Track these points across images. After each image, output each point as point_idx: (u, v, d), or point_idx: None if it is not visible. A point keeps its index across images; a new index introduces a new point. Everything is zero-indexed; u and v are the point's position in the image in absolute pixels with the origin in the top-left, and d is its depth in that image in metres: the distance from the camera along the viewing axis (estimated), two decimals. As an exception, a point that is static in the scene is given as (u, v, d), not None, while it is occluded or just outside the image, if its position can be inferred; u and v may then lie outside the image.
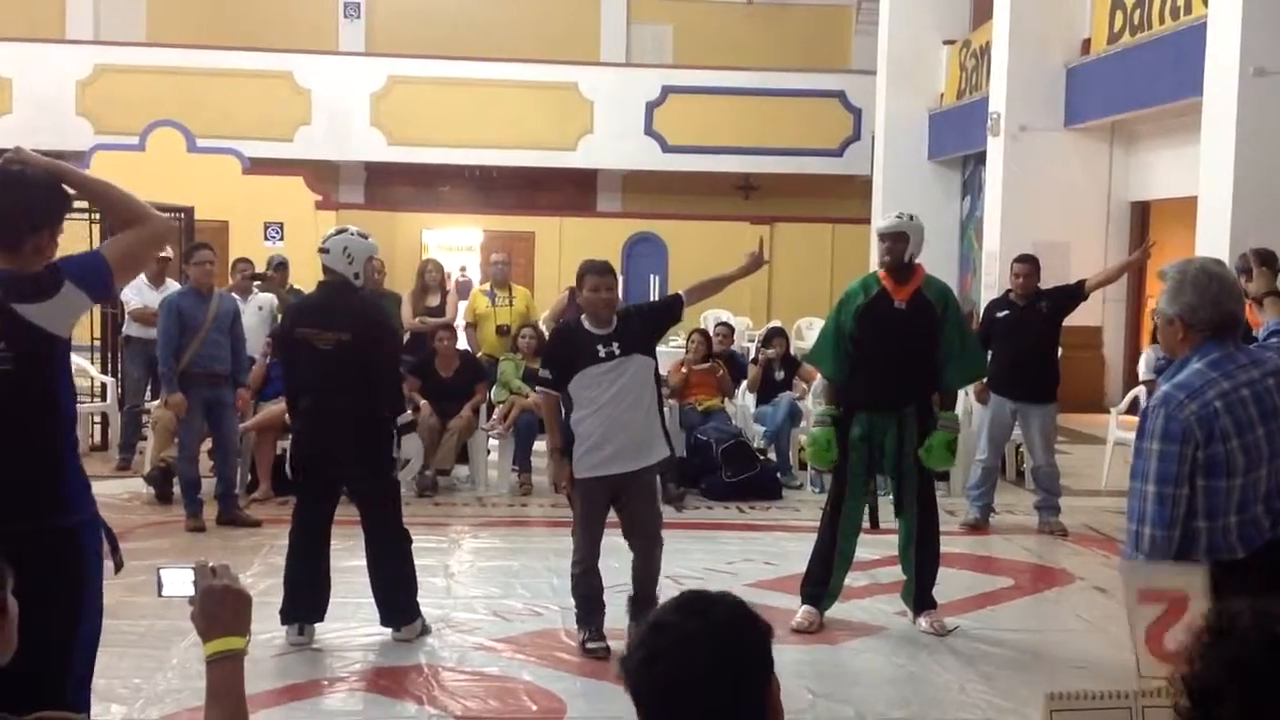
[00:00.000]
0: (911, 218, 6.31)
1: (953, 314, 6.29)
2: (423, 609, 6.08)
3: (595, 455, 5.67)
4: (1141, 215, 15.11)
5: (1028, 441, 8.91)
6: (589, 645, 5.83)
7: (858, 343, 6.16)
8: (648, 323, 5.91)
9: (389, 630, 6.01)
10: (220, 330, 8.20)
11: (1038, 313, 8.56)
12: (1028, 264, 8.70)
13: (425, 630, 6.06)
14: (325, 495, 6.02)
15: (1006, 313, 8.67)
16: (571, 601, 6.00)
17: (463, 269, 13.65)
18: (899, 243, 6.16)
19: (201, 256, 8.26)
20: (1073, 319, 9.00)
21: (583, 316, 5.81)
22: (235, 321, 8.41)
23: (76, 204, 13.62)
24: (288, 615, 5.91)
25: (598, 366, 5.64)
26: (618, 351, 5.66)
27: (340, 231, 6.05)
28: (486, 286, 11.05)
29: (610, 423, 5.64)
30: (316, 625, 5.97)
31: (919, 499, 6.27)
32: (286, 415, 6.80)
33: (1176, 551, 3.40)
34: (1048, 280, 8.81)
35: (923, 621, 6.32)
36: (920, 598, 6.37)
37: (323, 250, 5.92)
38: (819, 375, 6.94)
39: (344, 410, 5.78)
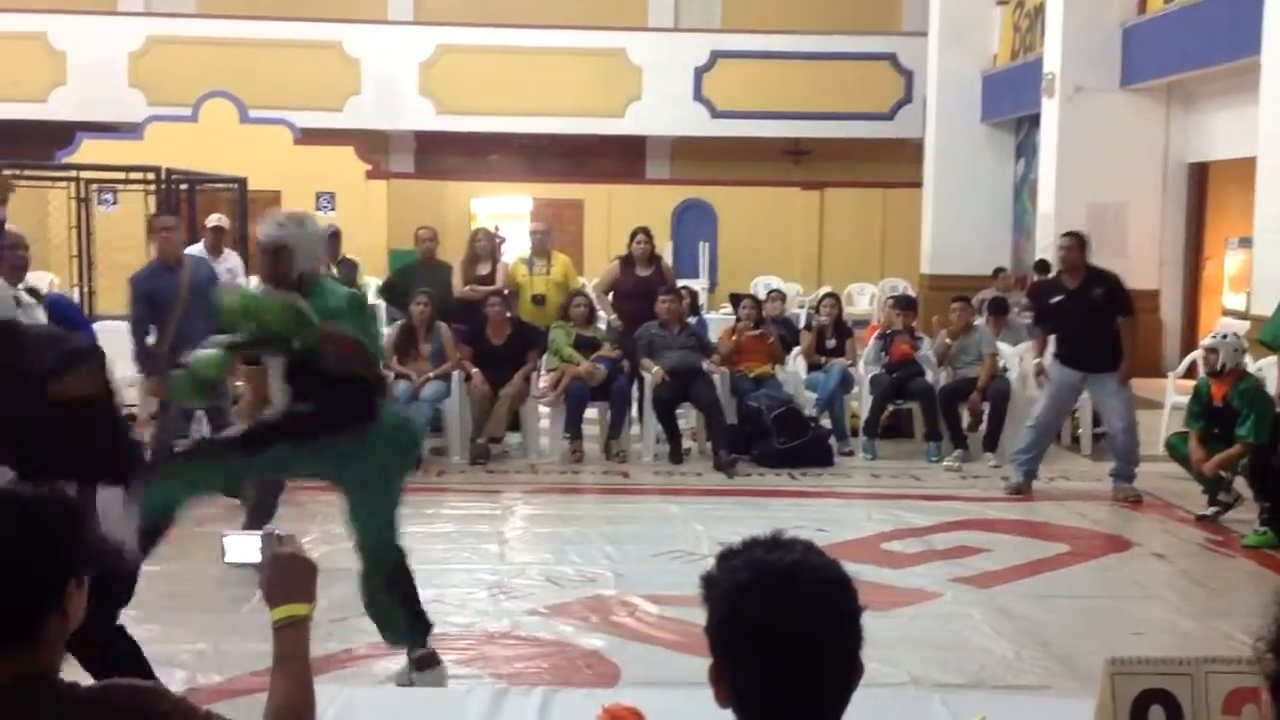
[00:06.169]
0: (301, 223, 4.65)
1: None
2: (477, 575, 6.05)
3: None
4: (1199, 176, 14.87)
5: (1102, 409, 8.85)
6: None
7: None
8: None
9: (441, 595, 6.05)
10: (200, 300, 7.11)
11: (1092, 299, 8.43)
12: (1071, 238, 8.60)
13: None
14: None
15: (1061, 298, 8.57)
16: (624, 569, 6.45)
17: (496, 227, 13.46)
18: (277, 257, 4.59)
19: (161, 222, 7.47)
20: (1129, 283, 8.88)
21: None
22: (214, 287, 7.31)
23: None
24: None
25: None
26: None
27: None
28: (527, 255, 10.96)
29: None
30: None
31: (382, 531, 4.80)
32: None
33: None
34: (1106, 243, 8.70)
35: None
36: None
37: None
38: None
39: None
